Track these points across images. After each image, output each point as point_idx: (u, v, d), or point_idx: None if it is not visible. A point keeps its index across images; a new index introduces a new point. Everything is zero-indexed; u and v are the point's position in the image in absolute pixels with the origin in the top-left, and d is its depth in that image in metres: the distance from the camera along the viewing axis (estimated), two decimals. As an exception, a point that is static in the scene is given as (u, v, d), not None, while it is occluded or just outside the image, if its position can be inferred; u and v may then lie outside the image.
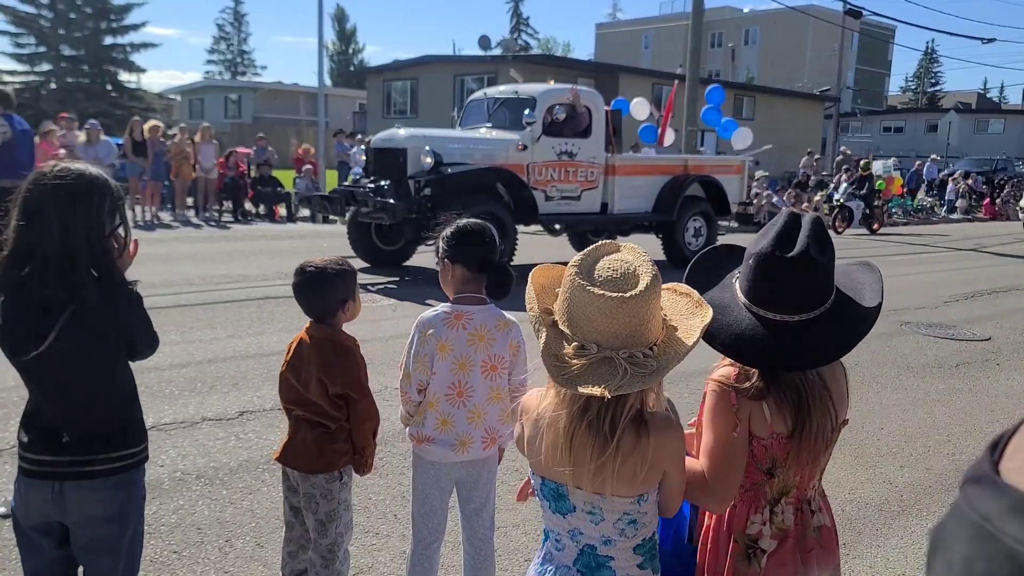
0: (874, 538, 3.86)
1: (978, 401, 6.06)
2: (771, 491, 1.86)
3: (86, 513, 2.17)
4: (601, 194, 11.68)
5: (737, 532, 1.87)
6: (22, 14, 40.75)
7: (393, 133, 10.89)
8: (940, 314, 9.25)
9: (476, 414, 2.70)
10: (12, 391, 5.09)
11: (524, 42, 66.07)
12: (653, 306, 1.59)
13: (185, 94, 47.72)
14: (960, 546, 0.50)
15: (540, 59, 36.56)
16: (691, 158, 13.62)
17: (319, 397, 2.67)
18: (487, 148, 10.81)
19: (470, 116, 12.07)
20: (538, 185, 10.94)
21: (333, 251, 9.23)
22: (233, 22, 65.95)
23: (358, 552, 3.50)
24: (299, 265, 2.74)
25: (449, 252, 2.67)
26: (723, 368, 1.87)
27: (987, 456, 0.54)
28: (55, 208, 2.06)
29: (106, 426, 2.18)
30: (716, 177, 12.98)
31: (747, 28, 60.34)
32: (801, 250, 1.74)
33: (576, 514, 1.68)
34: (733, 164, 13.83)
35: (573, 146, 11.22)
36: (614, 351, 1.55)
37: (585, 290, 1.57)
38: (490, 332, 2.66)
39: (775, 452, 1.82)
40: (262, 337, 6.82)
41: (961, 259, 14.78)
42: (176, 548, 3.48)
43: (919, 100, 67.68)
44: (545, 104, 10.96)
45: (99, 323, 2.11)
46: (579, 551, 1.72)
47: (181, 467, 4.27)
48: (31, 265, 2.06)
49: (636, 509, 1.67)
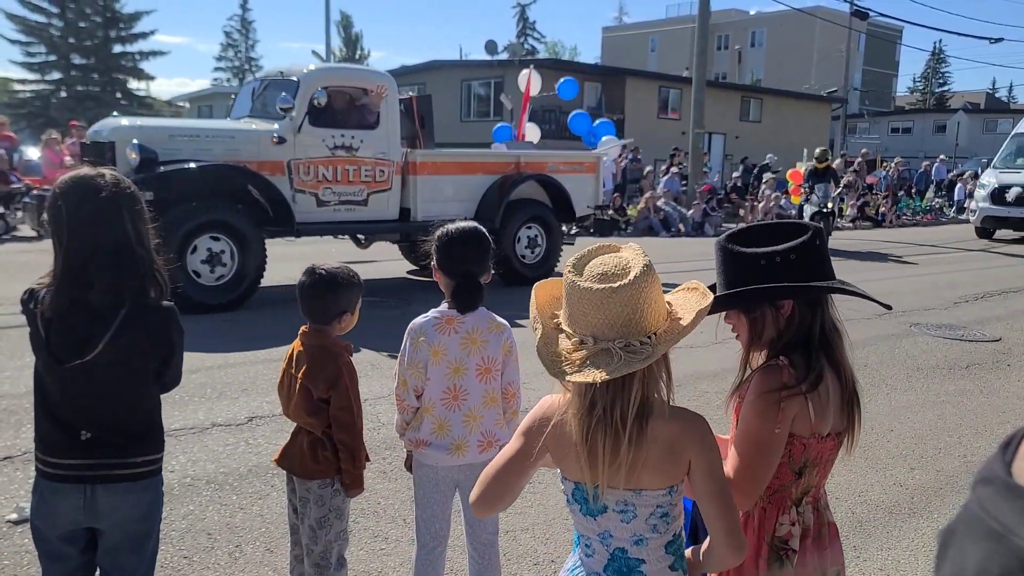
0: (885, 540, 3.84)
1: (989, 402, 6.03)
2: (796, 491, 1.86)
3: (122, 514, 2.19)
4: (399, 197, 9.63)
5: (768, 535, 1.85)
6: (32, 23, 41.03)
7: (106, 123, 8.95)
8: (950, 315, 9.20)
9: (471, 417, 2.70)
10: (23, 398, 5.12)
11: (531, 46, 66.08)
12: (646, 295, 1.61)
13: (194, 101, 47.89)
14: (972, 548, 0.50)
15: (547, 63, 36.55)
16: (525, 153, 11.35)
17: (304, 404, 2.67)
18: (229, 142, 8.64)
19: (239, 105, 10.00)
20: (305, 187, 8.91)
21: (340, 256, 9.25)
22: (241, 29, 66.17)
23: (367, 557, 3.51)
24: (309, 266, 2.74)
25: (435, 258, 2.70)
26: (770, 365, 1.85)
27: (999, 457, 0.53)
28: (108, 213, 2.09)
29: (132, 431, 2.21)
30: (556, 177, 10.89)
31: (753, 30, 60.22)
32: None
33: (607, 515, 1.69)
34: (583, 161, 11.63)
35: (353, 139, 9.12)
36: (610, 342, 1.59)
37: (577, 286, 1.63)
38: (483, 335, 2.67)
39: (811, 452, 1.82)
40: (271, 342, 6.85)
41: (970, 260, 14.71)
42: (186, 553, 3.49)
43: (927, 101, 67.38)
44: (311, 88, 8.83)
45: (143, 330, 2.14)
46: (610, 555, 1.72)
47: (191, 472, 4.29)
48: (83, 271, 2.08)
49: (668, 501, 1.67)
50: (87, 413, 2.16)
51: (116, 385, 2.16)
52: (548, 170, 10.92)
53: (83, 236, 2.09)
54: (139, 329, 2.12)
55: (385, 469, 4.38)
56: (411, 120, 9.95)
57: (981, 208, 18.23)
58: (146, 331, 2.15)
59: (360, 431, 2.73)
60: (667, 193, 19.39)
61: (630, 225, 18.00)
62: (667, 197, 19.12)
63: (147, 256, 2.15)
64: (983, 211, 18.18)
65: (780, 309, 1.86)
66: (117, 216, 2.10)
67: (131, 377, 2.18)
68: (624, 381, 1.60)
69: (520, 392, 2.85)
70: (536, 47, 67.87)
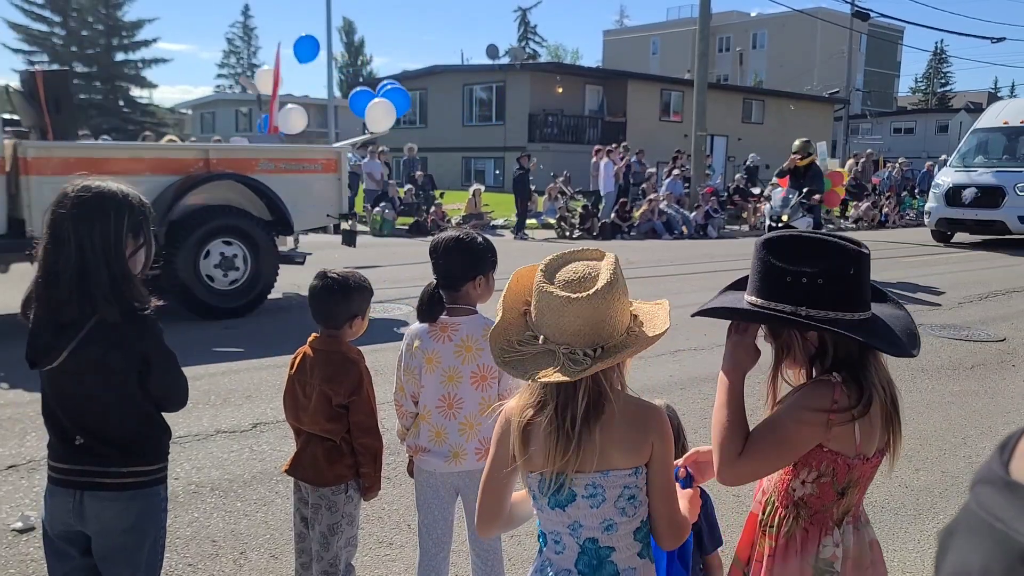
0: (890, 542, 3.83)
1: (994, 403, 6.01)
2: (838, 512, 1.82)
3: (103, 523, 2.19)
4: (4, 205, 7.35)
5: (812, 557, 1.80)
6: (35, 32, 41.26)
7: None
8: (954, 315, 9.18)
9: (467, 425, 2.67)
10: (27, 406, 5.13)
11: (532, 50, 66.22)
12: (603, 310, 1.65)
13: (196, 108, 48.08)
14: (973, 547, 0.50)
15: (549, 67, 36.63)
16: (216, 147, 9.14)
17: (322, 410, 2.67)
18: None
19: None
20: None
21: (344, 262, 9.27)
22: (243, 36, 66.43)
23: (372, 563, 3.51)
24: (321, 270, 2.75)
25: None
26: (821, 380, 1.79)
27: (996, 457, 0.54)
28: (73, 226, 2.08)
29: (118, 440, 2.19)
30: (265, 178, 8.47)
31: (755, 32, 60.24)
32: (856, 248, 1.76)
33: (576, 504, 1.72)
34: (317, 158, 9.29)
35: None
36: (558, 346, 1.65)
37: (540, 286, 1.69)
38: (477, 342, 2.63)
39: (856, 473, 1.79)
40: (276, 348, 6.85)
41: (974, 260, 14.68)
42: (191, 561, 3.49)
43: (929, 101, 67.34)
44: None
45: (113, 343, 2.11)
46: (580, 549, 1.75)
47: (196, 479, 4.29)
48: (54, 282, 2.09)
49: (634, 482, 1.72)
50: (76, 419, 2.17)
51: (97, 395, 2.15)
52: (259, 169, 8.48)
53: (58, 244, 2.09)
54: (108, 341, 2.09)
55: (389, 474, 4.37)
56: (36, 104, 7.74)
57: (935, 210, 16.92)
58: (115, 343, 2.10)
59: (380, 433, 2.77)
60: (669, 196, 19.40)
61: (633, 228, 18.01)
62: (669, 200, 19.12)
63: (119, 268, 2.11)
64: (937, 213, 16.86)
65: (805, 335, 1.80)
66: (89, 228, 2.08)
67: (110, 388, 2.16)
68: (577, 381, 1.65)
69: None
70: (537, 51, 68.01)
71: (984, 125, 18.06)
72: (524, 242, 16.67)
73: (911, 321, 1.87)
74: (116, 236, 2.11)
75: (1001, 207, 16.03)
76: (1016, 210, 15.94)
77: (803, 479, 1.81)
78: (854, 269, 1.72)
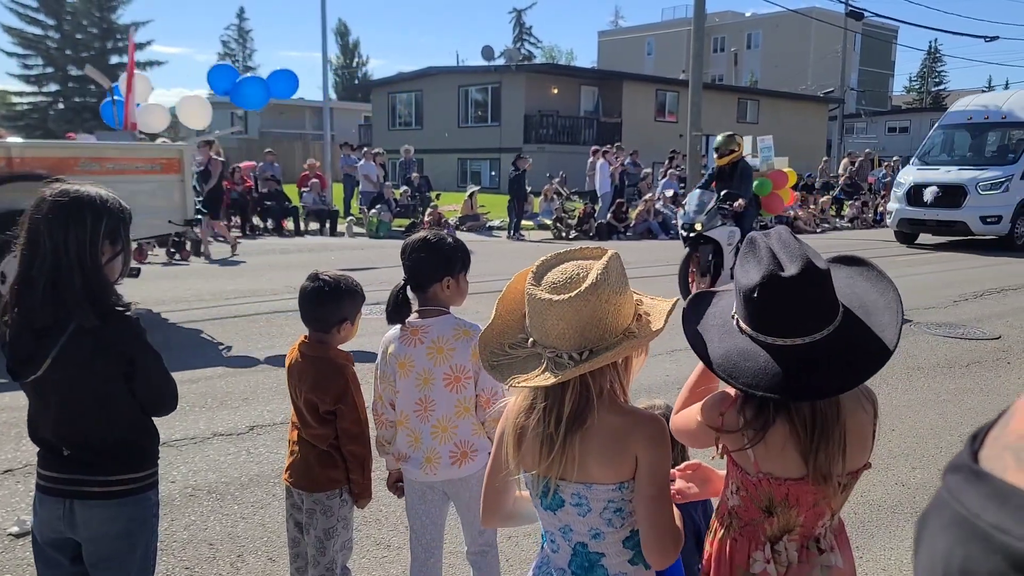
0: (887, 540, 3.84)
1: (990, 401, 6.03)
2: (771, 528, 1.74)
3: (94, 530, 2.18)
4: None
5: (740, 570, 1.76)
6: (29, 35, 41.20)
7: None
8: (949, 313, 9.21)
9: (441, 428, 2.62)
10: (23, 411, 5.12)
11: (527, 51, 66.22)
12: (588, 312, 1.58)
13: (191, 111, 47.97)
14: (942, 534, 0.51)
15: (544, 68, 36.65)
16: (20, 144, 8.22)
17: (310, 416, 2.66)
18: None
19: None
20: None
21: (340, 264, 9.25)
22: (238, 39, 66.36)
23: (369, 565, 3.51)
24: (312, 272, 2.72)
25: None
26: (718, 398, 1.77)
27: (967, 447, 0.55)
28: (47, 230, 2.05)
29: (106, 448, 2.17)
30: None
31: (749, 32, 60.34)
32: (803, 266, 1.56)
33: (565, 509, 1.70)
34: (156, 158, 8.18)
35: None
36: (545, 348, 1.62)
37: (528, 289, 1.65)
38: (448, 343, 2.58)
39: (770, 491, 1.70)
40: (272, 351, 6.85)
41: (968, 258, 14.70)
42: (188, 564, 3.49)
43: (923, 99, 67.50)
44: None
45: (95, 346, 2.08)
46: (572, 551, 1.74)
47: (192, 483, 4.28)
48: (29, 288, 2.06)
49: (619, 497, 1.67)
50: (62, 430, 2.16)
51: (83, 403, 2.13)
52: (78, 169, 7.26)
53: (34, 249, 2.06)
54: (90, 345, 2.06)
55: (385, 477, 4.37)
56: None
57: (897, 210, 16.07)
58: (98, 347, 2.08)
59: (368, 440, 2.74)
60: (666, 196, 19.40)
61: (629, 229, 18.02)
62: (666, 200, 19.13)
63: (93, 275, 2.07)
64: (899, 213, 16.01)
65: None
66: (65, 233, 2.04)
67: (96, 394, 2.13)
68: (563, 385, 1.61)
69: (503, 395, 2.83)
70: (533, 52, 68.02)
71: (949, 121, 17.08)
72: (519, 243, 16.69)
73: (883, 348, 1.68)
74: (92, 242, 2.07)
75: (963, 207, 15.23)
76: (978, 210, 15.15)
77: (731, 489, 1.81)
78: (758, 292, 1.57)
